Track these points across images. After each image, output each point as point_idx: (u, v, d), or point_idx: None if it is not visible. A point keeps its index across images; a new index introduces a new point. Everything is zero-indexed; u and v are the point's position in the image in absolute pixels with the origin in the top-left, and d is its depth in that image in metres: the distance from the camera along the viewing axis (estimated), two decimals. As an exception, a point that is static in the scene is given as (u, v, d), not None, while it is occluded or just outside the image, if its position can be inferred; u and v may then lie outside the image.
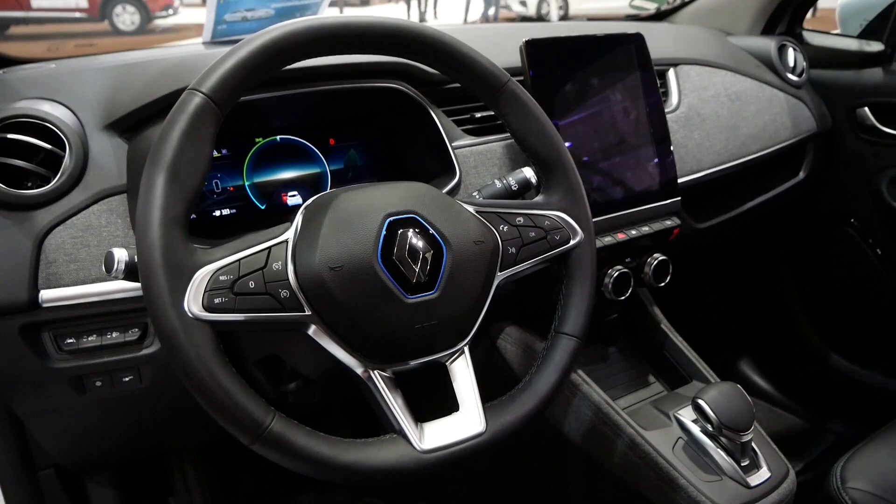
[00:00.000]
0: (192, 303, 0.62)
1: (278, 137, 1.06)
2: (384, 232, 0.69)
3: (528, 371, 0.82)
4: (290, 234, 0.69)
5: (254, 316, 0.65)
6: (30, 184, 0.87)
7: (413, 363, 0.73)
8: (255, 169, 1.04)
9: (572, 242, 0.83)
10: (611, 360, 1.30)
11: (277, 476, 1.59)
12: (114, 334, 0.89)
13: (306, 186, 1.07)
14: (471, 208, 0.79)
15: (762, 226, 1.69)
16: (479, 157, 1.08)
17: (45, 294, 0.83)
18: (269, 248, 0.68)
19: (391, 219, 0.70)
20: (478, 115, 1.13)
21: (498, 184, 0.93)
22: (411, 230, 0.71)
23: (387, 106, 1.07)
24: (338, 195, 0.72)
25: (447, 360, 0.76)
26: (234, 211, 1.02)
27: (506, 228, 0.80)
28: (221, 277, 0.64)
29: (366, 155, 1.12)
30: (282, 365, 0.96)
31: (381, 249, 0.68)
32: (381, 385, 0.70)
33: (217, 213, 1.01)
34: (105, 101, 0.93)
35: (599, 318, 1.26)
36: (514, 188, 0.93)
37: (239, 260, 0.65)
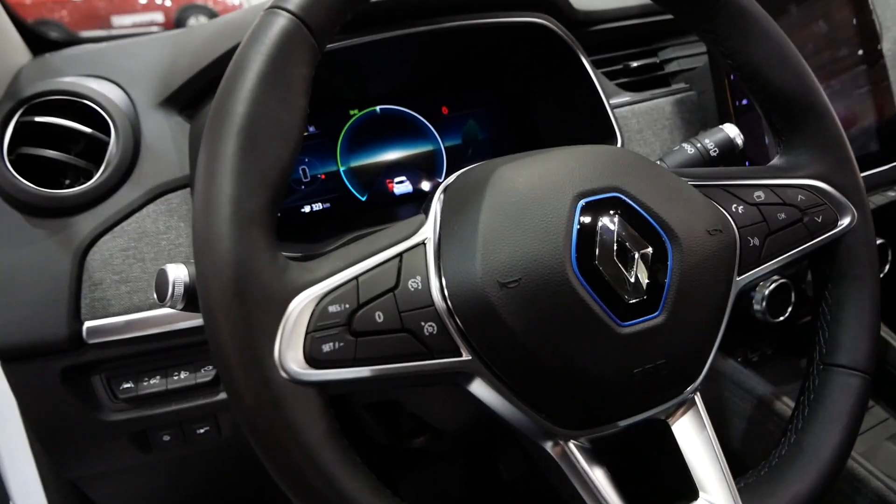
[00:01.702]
0: (289, 354, 0.38)
1: (378, 108, 0.82)
2: (577, 222, 0.43)
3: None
4: (428, 232, 0.44)
5: (386, 369, 0.40)
6: (67, 181, 0.67)
7: (623, 424, 0.47)
8: (351, 150, 0.80)
9: (842, 226, 0.55)
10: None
11: None
12: (182, 374, 0.67)
13: (417, 170, 0.83)
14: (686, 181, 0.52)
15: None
16: (644, 119, 0.81)
17: (91, 326, 0.64)
18: (401, 255, 0.43)
19: (585, 200, 0.44)
20: (634, 64, 0.86)
21: (689, 149, 0.65)
22: (617, 217, 0.44)
23: (518, 56, 0.81)
24: (496, 168, 0.47)
25: (669, 416, 0.49)
26: (327, 205, 0.79)
27: (741, 209, 0.52)
28: (331, 308, 0.39)
29: (489, 126, 0.86)
30: (400, 409, 0.72)
31: (575, 249, 0.42)
32: (581, 463, 0.45)
33: (307, 208, 0.78)
34: (160, 73, 0.71)
35: (789, 320, 0.96)
36: (713, 154, 0.65)
37: (356, 277, 0.41)
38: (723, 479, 0.47)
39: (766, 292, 0.85)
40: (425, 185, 0.83)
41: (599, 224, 0.44)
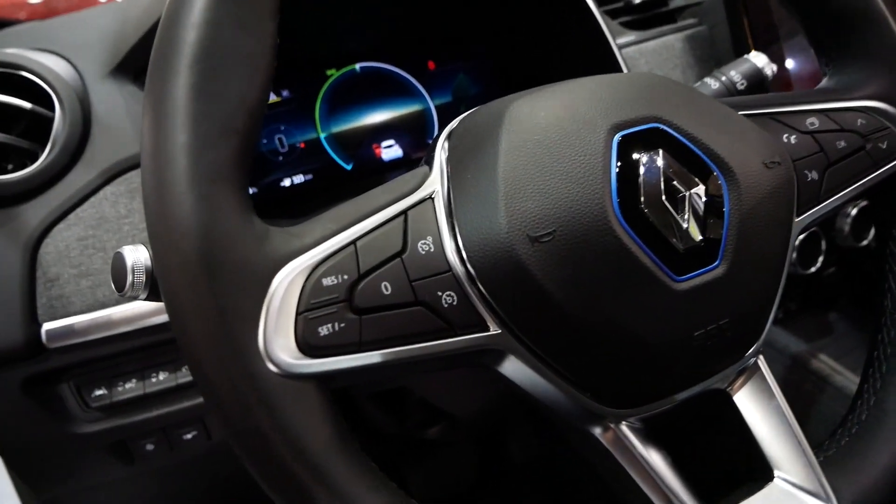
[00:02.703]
0: (277, 341, 0.30)
1: (357, 66, 0.73)
2: (615, 159, 0.36)
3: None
4: (435, 184, 0.37)
5: (399, 353, 0.32)
6: (10, 166, 0.58)
7: (680, 398, 0.40)
8: (331, 114, 0.72)
9: None
10: (837, 332, 0.94)
11: None
12: (160, 376, 0.60)
13: (405, 132, 0.75)
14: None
15: None
16: (653, 59, 0.73)
17: (51, 329, 0.56)
18: (405, 212, 0.35)
19: (622, 134, 0.37)
20: (636, 0, 0.78)
21: (713, 83, 0.58)
22: (661, 153, 0.37)
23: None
24: (510, 104, 0.39)
25: (729, 385, 0.42)
26: (310, 177, 0.71)
27: (794, 139, 0.45)
28: (326, 281, 0.32)
29: (481, 79, 0.79)
30: (408, 395, 0.65)
31: (616, 192, 0.35)
32: (638, 448, 0.38)
33: (286, 182, 0.70)
34: (108, 40, 0.63)
35: (818, 271, 0.90)
36: (740, 87, 0.58)
37: (353, 242, 0.33)
38: (801, 455, 0.40)
39: (796, 242, 0.79)
40: (416, 149, 0.75)
41: (642, 160, 0.36)
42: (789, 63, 0.75)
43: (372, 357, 0.32)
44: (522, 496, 1.18)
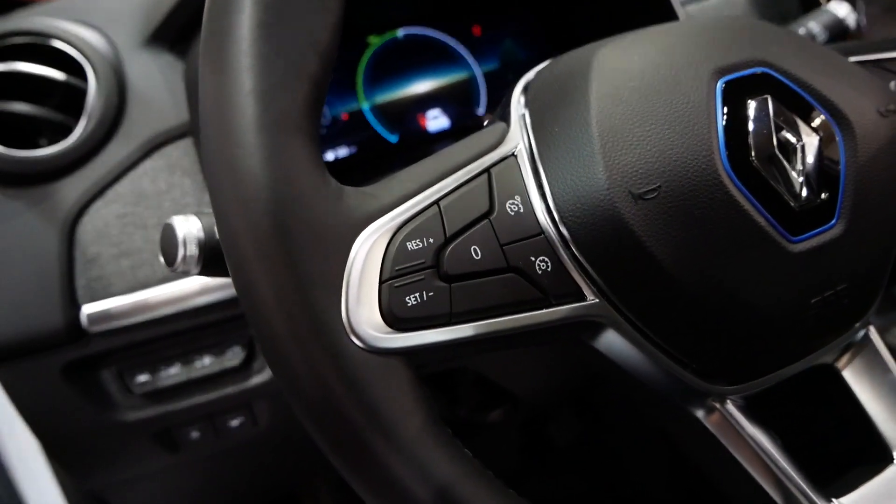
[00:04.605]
0: (361, 313, 0.27)
1: (400, 32, 0.70)
2: (721, 107, 0.32)
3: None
4: (517, 139, 0.33)
5: (492, 325, 0.29)
6: (44, 140, 0.55)
7: (789, 373, 0.36)
8: (374, 84, 0.68)
9: None
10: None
11: None
12: (205, 360, 0.57)
13: (452, 101, 0.71)
14: None
15: None
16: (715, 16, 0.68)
17: (91, 312, 0.53)
18: (488, 170, 0.31)
19: (726, 79, 0.33)
20: (694, -45, 0.73)
21: None
22: (770, 100, 0.33)
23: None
24: (596, 51, 0.35)
25: (837, 360, 0.38)
26: (353, 150, 0.67)
27: None
28: (411, 245, 0.28)
29: (529, 44, 0.74)
30: (461, 376, 0.61)
31: (724, 143, 0.31)
32: (747, 429, 0.34)
33: (330, 155, 0.66)
34: (140, 7, 0.60)
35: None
36: (820, 39, 0.54)
37: (436, 202, 0.30)
38: None
39: None
40: (463, 119, 0.71)
41: (750, 108, 0.32)
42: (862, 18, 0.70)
43: (464, 330, 0.28)
44: (564, 480, 1.15)
